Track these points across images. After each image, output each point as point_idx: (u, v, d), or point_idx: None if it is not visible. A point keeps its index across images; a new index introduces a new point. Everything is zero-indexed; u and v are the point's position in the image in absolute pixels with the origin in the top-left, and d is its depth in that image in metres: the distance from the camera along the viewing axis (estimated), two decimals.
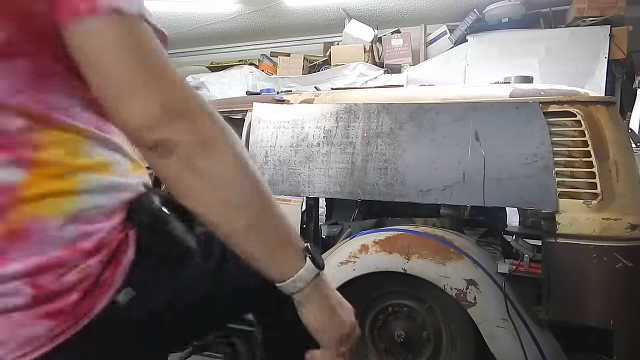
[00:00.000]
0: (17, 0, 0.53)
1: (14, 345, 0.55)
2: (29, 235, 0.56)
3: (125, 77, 0.55)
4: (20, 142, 0.56)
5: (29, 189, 0.56)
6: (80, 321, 0.58)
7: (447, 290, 1.91)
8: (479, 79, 4.08)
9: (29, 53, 0.56)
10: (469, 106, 1.99)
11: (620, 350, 1.70)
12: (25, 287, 0.55)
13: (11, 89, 0.56)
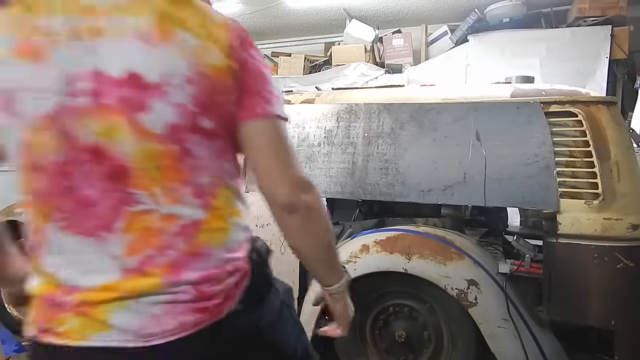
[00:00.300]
0: (223, 107, 0.82)
1: (172, 326, 0.80)
2: (201, 255, 0.83)
3: (274, 169, 0.86)
4: (207, 192, 0.84)
5: (207, 224, 0.84)
6: (214, 318, 0.83)
7: (448, 290, 1.91)
8: (480, 79, 4.08)
9: (222, 136, 0.84)
10: (470, 106, 1.99)
11: (622, 351, 1.70)
12: (192, 290, 0.81)
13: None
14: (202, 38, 0.81)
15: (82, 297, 0.79)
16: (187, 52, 0.78)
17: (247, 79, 0.85)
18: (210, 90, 0.80)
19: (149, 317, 0.80)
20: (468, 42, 4.39)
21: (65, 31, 0.73)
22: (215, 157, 0.85)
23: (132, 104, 0.75)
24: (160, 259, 0.81)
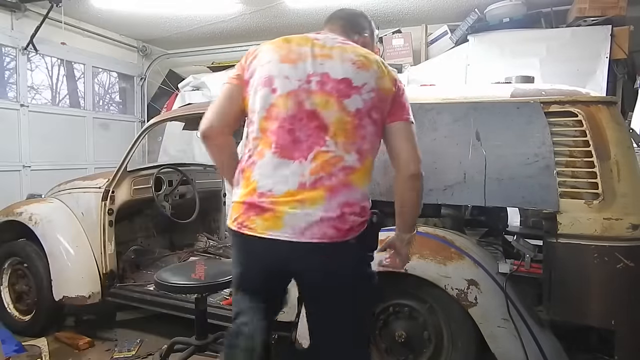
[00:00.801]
0: (384, 110, 1.45)
1: (319, 234, 1.33)
2: (350, 188, 1.37)
3: (411, 151, 1.46)
4: (363, 153, 1.42)
5: (357, 171, 1.39)
6: (341, 239, 1.35)
7: (448, 290, 1.91)
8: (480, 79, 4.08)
9: (379, 126, 1.46)
10: (470, 106, 1.99)
11: (622, 350, 1.70)
12: (337, 210, 1.35)
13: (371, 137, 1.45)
14: (383, 72, 1.47)
15: (271, 199, 1.35)
16: (375, 77, 1.44)
17: (399, 99, 1.49)
18: (381, 98, 1.44)
19: (307, 223, 1.33)
20: (468, 42, 4.39)
21: (309, 54, 1.44)
22: (373, 136, 1.44)
23: (343, 93, 1.39)
24: (327, 182, 1.36)
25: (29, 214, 3.01)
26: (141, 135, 3.04)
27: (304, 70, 1.41)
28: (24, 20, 4.61)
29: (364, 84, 1.40)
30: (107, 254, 2.93)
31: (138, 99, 6.26)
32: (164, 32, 5.52)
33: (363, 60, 1.44)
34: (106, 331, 3.08)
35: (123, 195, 3.07)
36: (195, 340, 2.23)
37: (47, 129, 4.88)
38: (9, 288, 3.15)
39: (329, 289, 1.44)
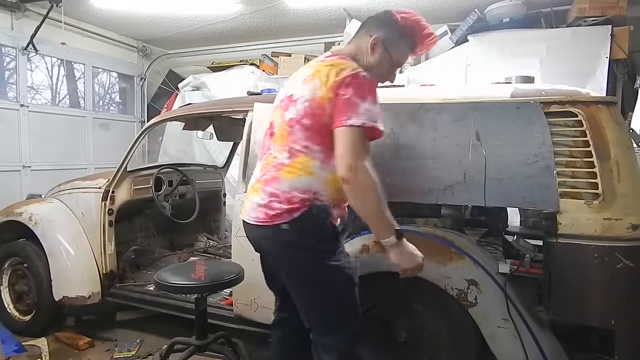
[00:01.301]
0: (319, 116, 1.57)
1: (255, 216, 1.64)
2: (278, 181, 1.60)
3: (341, 156, 1.50)
4: (294, 153, 1.61)
5: (286, 167, 1.61)
6: (267, 223, 1.61)
7: (448, 291, 1.91)
8: (480, 79, 4.08)
9: (312, 130, 1.59)
10: (470, 106, 1.99)
11: (622, 351, 1.70)
12: (267, 198, 1.61)
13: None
14: (322, 83, 1.57)
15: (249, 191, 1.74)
16: (313, 88, 1.58)
17: (338, 105, 1.54)
18: (314, 106, 1.58)
19: (251, 208, 1.66)
20: (468, 42, 4.39)
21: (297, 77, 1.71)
22: (305, 139, 1.60)
23: (285, 107, 1.66)
24: (265, 176, 1.65)
25: (29, 214, 3.01)
26: (141, 135, 3.04)
27: (285, 92, 1.73)
28: (24, 20, 4.62)
29: (300, 96, 1.60)
30: (107, 254, 2.93)
31: (138, 99, 6.27)
32: (164, 32, 5.52)
33: (310, 75, 1.61)
34: (106, 331, 3.08)
35: (123, 196, 3.07)
36: (195, 340, 2.23)
37: (47, 129, 4.88)
38: (9, 288, 3.15)
39: (279, 270, 1.73)
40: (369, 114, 1.52)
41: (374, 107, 1.55)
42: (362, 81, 1.55)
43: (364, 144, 1.53)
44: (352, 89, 1.53)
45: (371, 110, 1.53)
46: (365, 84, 1.56)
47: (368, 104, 1.53)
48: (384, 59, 1.71)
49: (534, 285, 2.01)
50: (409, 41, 1.72)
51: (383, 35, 1.70)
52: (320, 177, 1.61)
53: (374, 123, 1.53)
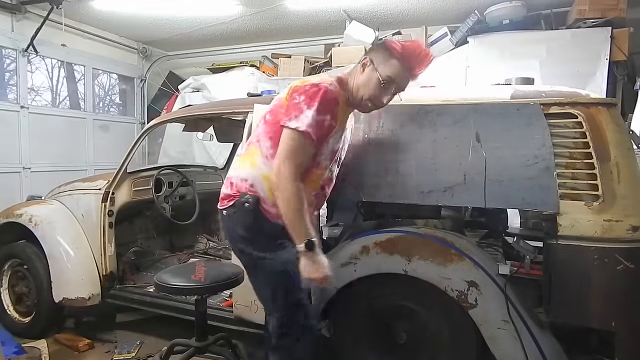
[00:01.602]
0: (276, 120, 1.73)
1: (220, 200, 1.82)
2: (234, 169, 1.83)
3: (279, 153, 1.64)
4: (248, 145, 1.85)
5: (241, 157, 1.86)
6: (220, 207, 1.81)
7: (448, 292, 1.91)
8: (480, 80, 4.08)
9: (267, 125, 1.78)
10: (470, 107, 1.99)
11: (622, 352, 1.70)
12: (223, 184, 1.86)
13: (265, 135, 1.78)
14: (288, 87, 1.75)
15: None
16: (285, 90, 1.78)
17: (288, 106, 1.67)
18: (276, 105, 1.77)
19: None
20: (468, 44, 4.39)
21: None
22: (261, 133, 1.76)
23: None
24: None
25: (29, 216, 3.01)
26: (141, 136, 3.04)
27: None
28: (24, 22, 4.62)
29: (272, 97, 1.84)
30: (107, 256, 2.93)
31: (138, 101, 6.27)
32: (164, 33, 5.53)
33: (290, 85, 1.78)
34: (106, 333, 3.08)
35: (123, 197, 3.07)
36: (195, 342, 2.23)
37: (47, 130, 4.88)
38: (9, 290, 3.15)
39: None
40: (307, 120, 1.61)
41: (319, 117, 1.62)
42: (316, 91, 1.64)
43: (300, 148, 1.63)
44: (305, 95, 1.64)
45: (310, 118, 1.61)
46: (320, 94, 1.63)
47: (313, 112, 1.61)
48: (373, 77, 1.72)
49: (534, 286, 2.01)
50: (396, 56, 1.69)
51: (373, 55, 1.74)
52: (260, 171, 1.73)
53: (307, 128, 1.61)
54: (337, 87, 1.73)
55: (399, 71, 1.70)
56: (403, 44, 1.72)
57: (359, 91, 1.75)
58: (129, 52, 6.06)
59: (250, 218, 1.72)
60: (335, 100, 1.69)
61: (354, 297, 2.13)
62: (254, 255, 1.75)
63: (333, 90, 1.68)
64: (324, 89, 1.65)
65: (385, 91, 1.73)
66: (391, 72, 1.70)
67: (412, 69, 1.71)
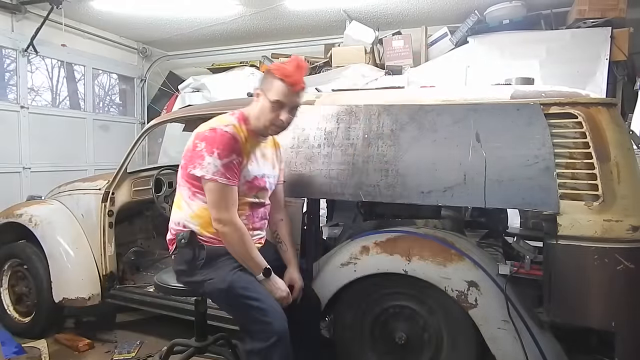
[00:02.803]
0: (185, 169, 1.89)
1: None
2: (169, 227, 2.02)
3: (210, 205, 1.83)
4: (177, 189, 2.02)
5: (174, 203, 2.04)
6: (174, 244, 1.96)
7: (448, 292, 1.91)
8: (480, 80, 4.08)
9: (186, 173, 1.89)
10: (470, 107, 1.99)
11: (622, 352, 1.70)
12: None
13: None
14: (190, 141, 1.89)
15: None
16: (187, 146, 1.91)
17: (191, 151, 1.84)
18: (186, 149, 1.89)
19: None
20: (468, 44, 4.39)
21: None
22: (180, 177, 1.92)
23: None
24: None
25: (29, 216, 3.01)
26: (141, 136, 3.04)
27: None
28: (24, 22, 4.62)
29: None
30: (107, 256, 2.93)
31: (138, 101, 6.27)
32: (164, 33, 5.53)
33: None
34: (106, 333, 3.08)
35: (123, 197, 3.07)
36: (195, 342, 2.23)
37: (47, 130, 4.89)
38: (8, 290, 3.15)
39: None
40: (212, 167, 1.75)
41: (217, 161, 1.75)
42: (214, 136, 1.78)
43: (222, 194, 1.77)
44: (205, 142, 1.78)
45: (213, 165, 1.75)
46: (218, 139, 1.77)
47: (215, 157, 1.75)
48: (265, 104, 1.84)
49: (534, 286, 2.00)
50: (277, 76, 1.82)
51: (261, 84, 1.90)
52: (187, 212, 1.91)
53: (213, 176, 1.75)
54: (238, 125, 1.86)
55: (284, 90, 1.81)
56: (280, 65, 1.88)
57: (259, 120, 1.87)
58: (129, 52, 6.07)
59: (190, 252, 1.87)
60: (234, 139, 1.80)
61: (354, 297, 2.13)
62: (201, 280, 1.86)
63: (229, 131, 1.79)
64: (220, 133, 1.78)
65: (280, 112, 1.85)
66: (276, 94, 1.82)
67: (293, 84, 1.82)
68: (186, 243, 1.87)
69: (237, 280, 1.79)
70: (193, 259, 1.87)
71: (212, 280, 1.83)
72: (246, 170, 1.88)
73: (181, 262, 1.92)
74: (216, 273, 1.83)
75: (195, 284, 1.90)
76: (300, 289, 1.99)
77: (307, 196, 2.23)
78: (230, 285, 1.78)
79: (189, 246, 1.88)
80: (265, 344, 1.68)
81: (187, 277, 1.92)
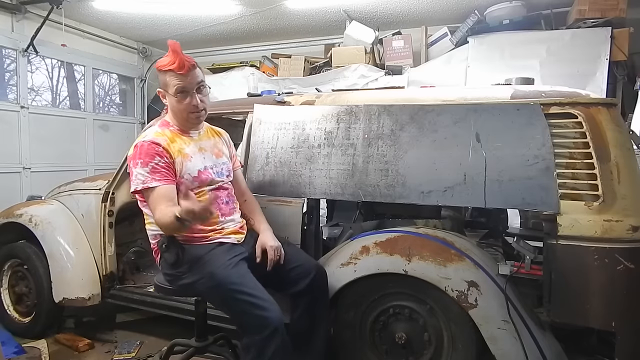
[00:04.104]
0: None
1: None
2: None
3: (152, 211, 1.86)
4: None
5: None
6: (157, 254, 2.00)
7: (448, 292, 1.91)
8: (480, 80, 4.09)
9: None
10: (470, 107, 1.99)
11: (622, 352, 1.70)
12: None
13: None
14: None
15: None
16: None
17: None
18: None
19: None
20: (468, 44, 4.39)
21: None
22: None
23: None
24: None
25: (29, 216, 3.01)
26: None
27: None
28: (24, 22, 4.62)
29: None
30: (107, 256, 2.93)
31: (138, 101, 6.27)
32: (164, 33, 5.53)
33: None
34: (106, 333, 3.07)
35: (123, 197, 3.06)
36: (195, 342, 2.23)
37: (47, 130, 4.89)
38: (9, 290, 3.15)
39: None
40: (141, 177, 1.80)
41: (142, 170, 1.80)
42: (135, 152, 1.85)
43: (155, 198, 1.79)
44: (131, 160, 1.86)
45: (140, 175, 1.81)
46: (137, 152, 1.84)
47: (139, 168, 1.81)
48: (172, 99, 1.91)
49: (534, 286, 2.01)
50: (163, 70, 1.89)
51: (160, 86, 1.96)
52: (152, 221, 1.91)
53: (143, 185, 1.80)
54: (160, 130, 1.93)
55: (176, 78, 1.87)
56: (161, 59, 1.92)
57: (177, 115, 1.95)
58: (129, 52, 6.07)
59: (172, 255, 1.88)
60: (153, 144, 1.85)
61: (354, 297, 2.13)
62: (192, 282, 1.87)
63: (147, 140, 1.85)
64: (139, 145, 1.85)
65: (187, 98, 1.90)
66: (174, 84, 1.88)
67: (179, 68, 1.86)
68: (167, 246, 1.88)
69: (227, 276, 1.79)
70: (176, 262, 1.88)
71: (202, 280, 1.83)
72: (187, 168, 1.90)
73: (167, 267, 1.93)
74: (205, 271, 1.83)
75: (186, 287, 1.90)
76: (276, 249, 1.99)
77: (307, 196, 2.23)
78: (221, 282, 1.78)
79: (170, 249, 1.88)
80: (261, 335, 1.68)
81: (178, 281, 1.92)
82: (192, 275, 1.86)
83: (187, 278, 1.88)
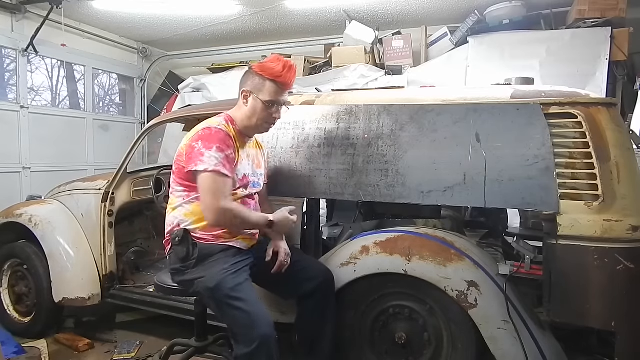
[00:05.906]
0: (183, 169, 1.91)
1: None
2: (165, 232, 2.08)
3: (203, 198, 1.84)
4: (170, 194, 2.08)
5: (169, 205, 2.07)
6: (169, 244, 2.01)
7: (448, 292, 1.91)
8: (480, 80, 4.09)
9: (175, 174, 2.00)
10: (470, 107, 1.99)
11: (622, 352, 1.70)
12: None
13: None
14: (186, 138, 1.96)
15: None
16: (184, 140, 1.98)
17: (188, 154, 1.88)
18: (177, 154, 1.97)
19: None
20: (468, 44, 4.40)
21: None
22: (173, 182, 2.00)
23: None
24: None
25: (28, 216, 3.01)
26: (141, 136, 3.04)
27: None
28: (24, 22, 4.62)
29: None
30: (107, 256, 2.93)
31: (138, 101, 6.27)
32: (164, 33, 5.53)
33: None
34: (106, 333, 3.07)
35: (123, 197, 3.07)
36: (195, 342, 2.23)
37: (47, 130, 4.89)
38: (8, 290, 3.15)
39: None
40: (213, 160, 1.79)
41: (218, 154, 1.80)
42: (209, 133, 1.84)
43: (218, 185, 1.79)
44: (202, 140, 1.83)
45: (214, 157, 1.79)
46: (214, 135, 1.83)
47: (214, 151, 1.79)
48: (257, 105, 1.91)
49: (534, 286, 2.01)
50: (267, 77, 1.89)
51: (248, 86, 1.94)
52: (182, 212, 1.95)
53: (215, 167, 1.78)
54: (227, 125, 1.92)
55: (276, 90, 1.90)
56: (267, 65, 1.90)
57: (251, 119, 1.95)
58: (129, 52, 6.07)
59: (183, 249, 1.90)
60: (228, 136, 1.87)
61: (354, 297, 2.13)
62: (193, 279, 1.88)
63: (223, 129, 1.86)
64: (215, 130, 1.85)
65: (273, 110, 1.94)
66: (269, 94, 1.90)
67: (285, 84, 1.91)
68: (180, 241, 1.90)
69: (225, 280, 1.79)
70: (186, 257, 1.89)
71: (203, 279, 1.84)
72: (237, 169, 1.93)
73: (175, 260, 1.94)
74: (207, 272, 1.85)
75: (187, 283, 1.91)
76: (287, 254, 2.00)
77: (307, 196, 2.23)
78: (218, 284, 1.79)
79: (182, 244, 1.90)
80: (249, 348, 1.68)
81: (180, 277, 1.94)
82: (195, 272, 1.88)
83: (189, 274, 1.89)
